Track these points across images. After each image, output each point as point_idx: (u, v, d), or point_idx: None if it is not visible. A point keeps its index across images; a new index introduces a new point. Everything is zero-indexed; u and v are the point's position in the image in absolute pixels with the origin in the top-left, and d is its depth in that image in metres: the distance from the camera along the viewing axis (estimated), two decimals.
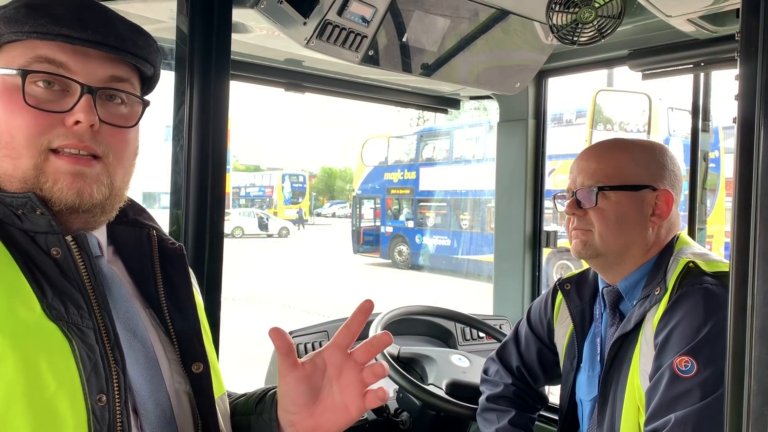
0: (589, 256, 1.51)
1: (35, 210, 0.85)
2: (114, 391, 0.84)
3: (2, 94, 0.85)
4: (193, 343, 0.98)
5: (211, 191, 1.54)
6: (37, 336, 0.80)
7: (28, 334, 0.80)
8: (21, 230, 0.87)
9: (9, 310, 0.79)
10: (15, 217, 0.86)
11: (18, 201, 0.85)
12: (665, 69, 2.07)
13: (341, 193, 54.89)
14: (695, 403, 1.22)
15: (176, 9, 1.47)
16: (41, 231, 0.87)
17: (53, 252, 0.86)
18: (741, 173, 0.81)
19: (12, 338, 0.78)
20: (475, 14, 1.94)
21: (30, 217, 0.86)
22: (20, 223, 0.86)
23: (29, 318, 0.80)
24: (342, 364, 0.97)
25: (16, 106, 0.84)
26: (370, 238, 19.31)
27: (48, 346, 0.81)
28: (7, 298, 0.80)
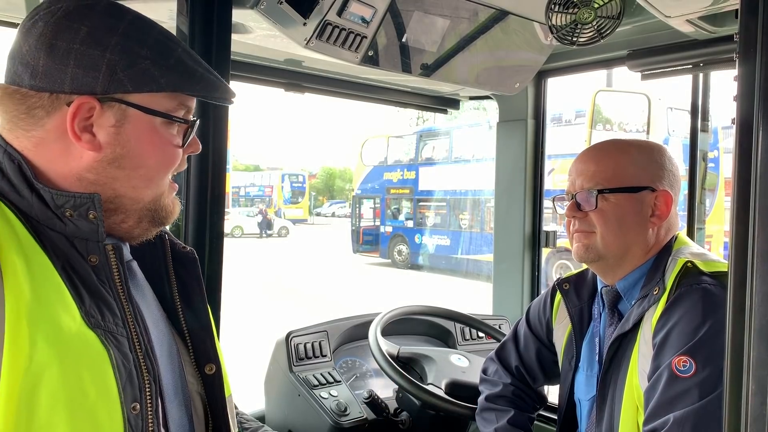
0: (591, 259, 1.51)
1: (88, 214, 0.88)
2: (147, 399, 0.87)
3: (153, 132, 0.91)
4: (206, 345, 1.02)
5: (211, 191, 1.54)
6: (78, 344, 0.82)
7: (71, 342, 0.81)
8: (61, 234, 0.88)
9: (53, 318, 0.80)
10: (57, 220, 0.87)
11: (76, 201, 0.87)
12: (664, 69, 2.07)
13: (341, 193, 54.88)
14: (694, 403, 1.22)
15: (176, 9, 1.48)
16: (82, 236, 0.88)
17: (91, 259, 0.89)
18: (740, 173, 0.81)
19: (57, 346, 0.79)
20: (475, 14, 1.94)
21: (76, 221, 0.88)
22: (62, 227, 0.87)
23: (71, 326, 0.82)
24: None
25: (166, 146, 0.93)
26: (369, 237, 19.31)
27: (89, 354, 0.82)
28: (50, 306, 0.81)
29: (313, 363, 2.18)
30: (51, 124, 0.87)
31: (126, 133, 0.89)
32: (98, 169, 0.89)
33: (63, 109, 0.86)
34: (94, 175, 0.89)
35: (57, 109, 0.86)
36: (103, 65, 0.85)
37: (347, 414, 2.03)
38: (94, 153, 0.88)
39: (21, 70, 0.86)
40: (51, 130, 0.87)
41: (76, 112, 0.85)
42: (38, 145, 0.88)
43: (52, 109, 0.86)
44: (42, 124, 0.87)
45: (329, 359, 2.23)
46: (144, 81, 0.87)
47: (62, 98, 0.85)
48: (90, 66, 0.85)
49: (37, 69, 0.85)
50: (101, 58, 0.85)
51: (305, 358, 2.17)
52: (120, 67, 0.86)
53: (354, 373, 2.32)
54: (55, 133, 0.87)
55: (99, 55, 0.85)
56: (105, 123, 0.87)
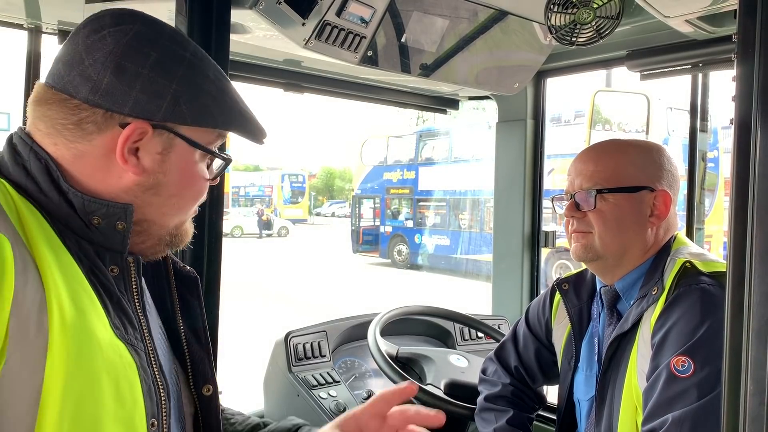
0: (589, 259, 1.52)
1: (117, 224, 0.88)
2: (163, 416, 0.87)
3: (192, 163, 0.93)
4: (205, 366, 1.02)
5: (210, 191, 1.54)
6: (114, 353, 0.82)
7: (108, 351, 0.81)
8: (85, 240, 0.87)
9: (91, 327, 0.80)
10: (83, 226, 0.87)
11: (109, 210, 0.87)
12: (663, 69, 2.07)
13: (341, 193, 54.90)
14: (692, 403, 1.22)
15: (175, 9, 1.47)
16: (106, 245, 0.88)
17: (113, 269, 0.89)
18: (738, 173, 0.81)
19: (95, 356, 0.79)
20: (474, 15, 1.94)
21: (103, 229, 0.87)
22: (87, 233, 0.87)
23: (105, 336, 0.82)
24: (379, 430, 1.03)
25: (200, 178, 0.95)
26: (369, 237, 19.32)
27: (123, 362, 0.83)
28: (87, 313, 0.80)
29: (312, 363, 2.18)
30: (99, 141, 0.86)
31: (170, 161, 0.90)
32: (136, 193, 0.89)
33: (115, 128, 0.86)
34: (131, 197, 0.89)
35: (109, 128, 0.86)
36: (168, 95, 0.86)
37: None
38: (136, 177, 0.88)
39: (79, 82, 0.85)
40: (98, 147, 0.86)
41: (129, 135, 0.86)
42: (78, 158, 0.87)
43: (104, 127, 0.86)
44: (90, 138, 0.86)
45: (328, 359, 2.23)
46: (203, 116, 0.89)
47: (116, 118, 0.85)
48: (155, 93, 0.85)
49: (100, 85, 0.84)
50: (167, 88, 0.86)
51: (304, 359, 2.17)
52: (183, 99, 0.87)
53: (353, 374, 2.32)
54: (101, 150, 0.87)
55: (166, 84, 0.86)
56: (152, 149, 0.88)
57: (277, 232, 29.81)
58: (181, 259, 1.52)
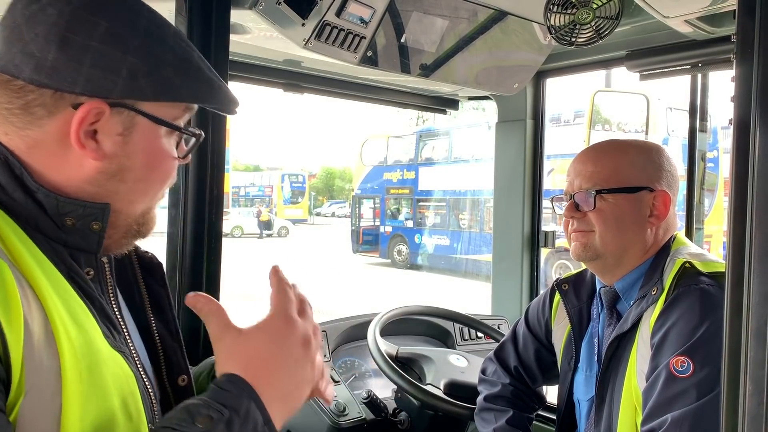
0: (588, 258, 1.52)
1: (93, 224, 0.81)
2: (155, 419, 0.83)
3: (157, 143, 0.84)
4: (178, 356, 0.95)
5: (210, 191, 1.54)
6: (116, 366, 0.77)
7: (111, 365, 0.76)
8: (58, 243, 0.79)
9: (93, 342, 0.75)
10: (54, 226, 0.79)
11: (86, 210, 0.80)
12: (663, 70, 2.07)
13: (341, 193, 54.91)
14: (692, 403, 1.23)
15: (175, 10, 1.48)
16: (82, 248, 0.81)
17: (88, 272, 0.82)
18: (737, 174, 0.81)
19: (102, 372, 0.74)
20: (474, 15, 1.94)
21: (79, 231, 0.80)
22: (59, 235, 0.79)
23: (104, 348, 0.77)
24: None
25: (168, 158, 0.86)
26: (369, 237, 19.32)
27: (124, 374, 0.78)
28: (87, 328, 0.75)
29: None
30: (52, 126, 0.77)
31: (133, 142, 0.81)
32: (100, 181, 0.80)
33: (67, 110, 0.76)
34: (95, 188, 0.80)
35: (60, 110, 0.76)
36: (124, 68, 0.77)
37: (346, 414, 2.03)
38: (97, 163, 0.79)
39: (21, 60, 0.75)
40: (50, 133, 0.77)
41: (84, 117, 0.76)
42: (33, 147, 0.78)
43: (54, 109, 0.76)
44: (41, 124, 0.77)
45: (328, 359, 2.23)
46: (165, 90, 0.80)
47: (68, 98, 0.76)
48: (109, 68, 0.76)
49: (44, 63, 0.74)
50: (122, 60, 0.77)
51: None
52: (142, 72, 0.78)
53: (353, 374, 2.32)
54: (54, 136, 0.77)
55: (120, 56, 0.77)
56: (112, 130, 0.79)
57: (277, 232, 29.81)
58: (181, 259, 1.53)
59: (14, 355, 0.66)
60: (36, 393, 0.68)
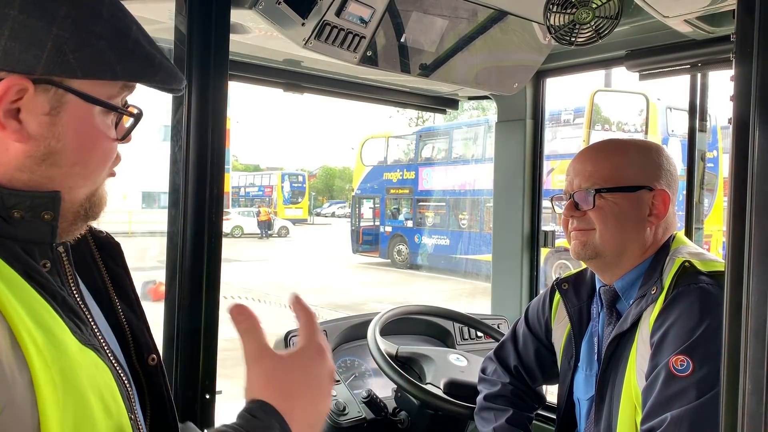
0: (588, 256, 1.52)
1: (43, 214, 0.75)
2: (133, 406, 0.82)
3: (91, 123, 0.77)
4: (145, 336, 0.92)
5: (210, 191, 1.54)
6: (89, 364, 0.73)
7: (83, 364, 0.72)
8: (8, 239, 0.74)
9: (61, 343, 0.70)
10: (5, 223, 0.73)
11: (35, 201, 0.75)
12: (662, 69, 2.08)
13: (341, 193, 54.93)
14: (691, 402, 1.23)
15: (175, 10, 1.48)
16: (35, 240, 0.76)
17: (45, 264, 0.77)
18: (736, 173, 0.81)
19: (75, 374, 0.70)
20: (473, 15, 1.94)
21: (29, 223, 0.75)
22: (12, 231, 0.74)
23: (74, 347, 0.72)
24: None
25: (104, 138, 0.79)
26: (369, 237, 19.32)
27: (99, 371, 0.75)
28: (53, 329, 0.70)
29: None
30: None
31: (62, 123, 0.74)
32: (32, 167, 0.74)
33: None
34: (27, 175, 0.74)
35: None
36: (49, 42, 0.69)
37: (346, 413, 2.03)
38: (22, 145, 0.72)
39: None
40: None
41: (3, 95, 0.69)
42: None
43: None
44: None
45: None
46: (97, 67, 0.73)
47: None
48: (31, 41, 0.69)
49: None
50: (46, 33, 0.69)
51: None
52: (69, 46, 0.70)
53: (353, 373, 2.32)
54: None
55: (43, 28, 0.69)
56: (37, 110, 0.72)
57: (277, 232, 29.83)
58: (181, 259, 1.53)
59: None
60: (11, 409, 0.64)
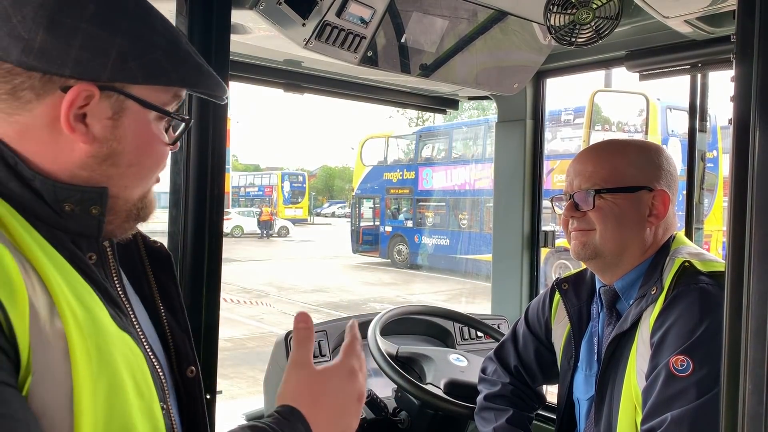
0: (588, 256, 1.52)
1: (92, 209, 0.81)
2: (167, 397, 0.86)
3: (147, 127, 0.83)
4: (186, 347, 0.96)
5: (210, 191, 1.54)
6: (125, 346, 0.78)
7: (120, 345, 0.77)
8: (59, 230, 0.80)
9: (101, 323, 0.75)
10: (53, 213, 0.79)
11: (84, 195, 0.80)
12: (662, 70, 2.08)
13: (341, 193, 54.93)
14: (691, 402, 1.23)
15: (175, 10, 1.48)
16: (83, 233, 0.82)
17: (91, 257, 0.83)
18: (737, 174, 0.81)
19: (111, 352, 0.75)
20: (474, 15, 1.94)
21: (79, 216, 0.80)
22: (59, 222, 0.79)
23: (112, 329, 0.77)
24: None
25: (159, 143, 0.86)
26: (369, 237, 19.33)
27: (134, 354, 0.79)
28: (93, 309, 0.75)
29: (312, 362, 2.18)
30: (40, 110, 0.76)
31: (123, 126, 0.80)
32: (93, 166, 0.80)
33: (56, 93, 0.75)
34: (88, 173, 0.80)
35: (49, 93, 0.75)
36: (114, 51, 0.76)
37: None
38: (87, 147, 0.78)
39: (8, 43, 0.73)
40: (39, 116, 0.76)
41: (74, 100, 0.75)
42: (22, 133, 0.77)
43: (43, 92, 0.75)
44: (30, 108, 0.76)
45: (328, 359, 2.23)
46: (155, 73, 0.79)
47: (57, 81, 0.75)
48: (98, 50, 0.75)
49: (33, 45, 0.73)
50: (111, 42, 0.76)
51: None
52: (132, 55, 0.77)
53: None
54: (43, 120, 0.76)
55: (109, 39, 0.76)
56: (101, 114, 0.78)
57: (277, 232, 29.84)
58: (182, 259, 1.53)
59: (20, 336, 0.67)
60: (46, 374, 0.68)
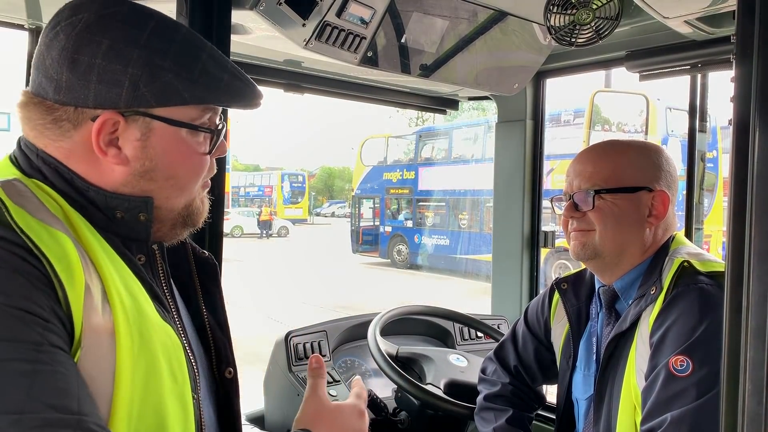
0: (587, 257, 1.52)
1: (140, 215, 0.90)
2: (198, 391, 0.92)
3: (179, 142, 0.91)
4: (227, 351, 1.05)
5: (210, 191, 1.54)
6: (165, 334, 0.86)
7: (160, 333, 0.85)
8: (113, 234, 0.89)
9: (144, 311, 0.84)
10: (109, 221, 0.89)
11: (131, 203, 0.89)
12: (662, 70, 2.08)
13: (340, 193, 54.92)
14: (691, 403, 1.23)
15: (176, 10, 1.48)
16: (132, 237, 0.91)
17: (140, 258, 0.92)
18: (736, 174, 0.81)
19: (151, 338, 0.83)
20: (474, 15, 1.94)
21: (129, 222, 0.90)
22: (114, 227, 0.89)
23: (156, 319, 0.86)
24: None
25: (194, 154, 0.93)
26: (369, 237, 19.33)
27: (172, 342, 0.87)
28: (139, 298, 0.84)
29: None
30: (78, 137, 0.87)
31: (152, 145, 0.89)
32: (132, 183, 0.89)
33: (88, 123, 0.86)
34: (129, 189, 0.89)
35: (83, 123, 0.86)
36: (126, 80, 0.84)
37: None
38: (123, 167, 0.88)
39: (45, 83, 0.85)
40: (79, 143, 0.87)
41: (101, 128, 0.85)
42: (68, 156, 0.88)
43: (77, 123, 0.86)
44: (69, 136, 0.87)
45: (328, 359, 2.23)
46: (167, 95, 0.86)
47: (87, 113, 0.85)
48: (112, 82, 0.84)
49: (61, 84, 0.84)
50: (123, 73, 0.84)
51: (304, 358, 2.17)
52: (143, 81, 0.85)
53: (353, 373, 2.32)
54: (83, 146, 0.87)
55: (121, 70, 0.84)
56: (130, 137, 0.87)
57: (276, 232, 29.83)
58: None
59: (75, 313, 0.76)
60: (93, 349, 0.77)
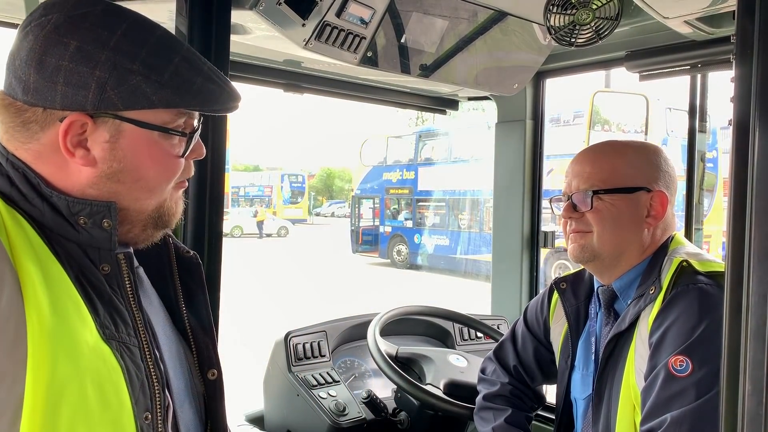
0: (586, 259, 1.52)
1: (103, 222, 0.87)
2: (157, 408, 0.88)
3: (151, 145, 0.89)
4: (209, 350, 1.03)
5: (210, 191, 1.54)
6: (96, 359, 0.82)
7: (89, 357, 0.81)
8: (73, 242, 0.87)
9: (72, 333, 0.80)
10: (69, 228, 0.86)
11: (93, 208, 0.87)
12: (662, 70, 2.08)
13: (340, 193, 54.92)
14: (690, 403, 1.23)
15: (175, 10, 1.48)
16: (95, 245, 0.88)
17: (103, 268, 0.89)
18: (736, 174, 0.81)
19: (76, 362, 0.79)
20: (474, 15, 1.94)
21: (90, 229, 0.87)
22: (75, 235, 0.87)
23: (89, 340, 0.81)
24: None
25: (166, 157, 0.91)
26: (369, 237, 19.32)
27: (106, 368, 0.83)
28: (69, 320, 0.80)
29: (312, 363, 2.18)
30: (46, 139, 0.85)
31: (121, 147, 0.87)
32: (99, 185, 0.87)
33: (56, 124, 0.84)
34: (96, 191, 0.88)
35: (50, 125, 0.84)
36: (93, 83, 0.82)
37: (346, 414, 2.03)
38: (90, 168, 0.86)
39: (15, 84, 0.84)
40: (47, 145, 0.85)
41: (67, 129, 0.84)
42: (37, 158, 0.87)
43: (45, 125, 0.84)
44: (37, 138, 0.85)
45: (328, 359, 2.23)
46: (135, 99, 0.84)
47: (55, 114, 0.84)
48: (79, 84, 0.82)
49: (29, 85, 0.83)
50: (90, 76, 0.82)
51: (304, 358, 2.17)
52: (110, 84, 0.83)
53: (353, 373, 2.32)
54: (50, 148, 0.85)
55: (88, 73, 0.82)
56: (99, 138, 0.86)
57: (276, 232, 29.82)
58: None
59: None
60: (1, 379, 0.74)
